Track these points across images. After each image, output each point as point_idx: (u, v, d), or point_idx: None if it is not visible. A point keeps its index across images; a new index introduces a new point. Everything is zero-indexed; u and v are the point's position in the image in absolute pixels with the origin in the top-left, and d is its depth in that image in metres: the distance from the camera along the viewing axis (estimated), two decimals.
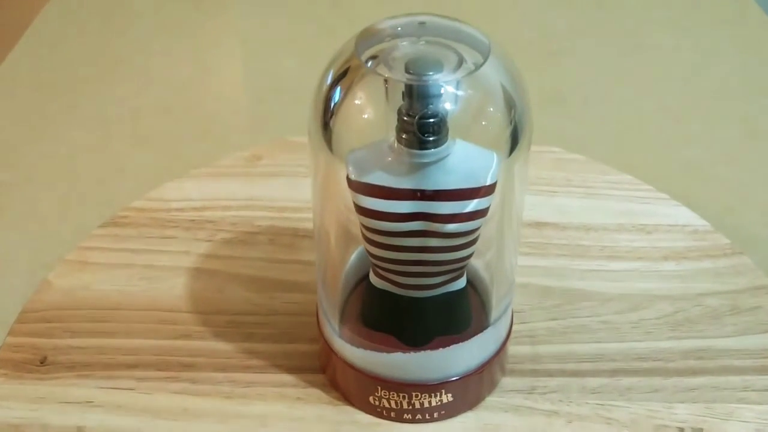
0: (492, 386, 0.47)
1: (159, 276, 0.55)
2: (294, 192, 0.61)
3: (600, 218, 0.60)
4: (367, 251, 0.43)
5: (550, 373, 0.48)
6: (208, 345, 0.50)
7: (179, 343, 0.50)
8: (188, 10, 0.91)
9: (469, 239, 0.41)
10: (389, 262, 0.42)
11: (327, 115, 0.41)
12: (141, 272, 0.55)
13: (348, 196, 0.41)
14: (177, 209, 0.60)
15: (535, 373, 0.49)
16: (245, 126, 0.77)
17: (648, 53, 0.85)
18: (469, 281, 0.46)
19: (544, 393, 0.47)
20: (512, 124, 0.41)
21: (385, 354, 0.44)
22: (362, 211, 0.40)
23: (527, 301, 0.53)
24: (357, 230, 0.43)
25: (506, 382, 0.48)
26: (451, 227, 0.40)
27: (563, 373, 0.49)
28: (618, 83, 0.80)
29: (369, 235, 0.42)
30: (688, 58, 0.84)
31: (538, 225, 0.59)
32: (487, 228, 0.43)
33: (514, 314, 0.49)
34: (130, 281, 0.55)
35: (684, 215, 0.60)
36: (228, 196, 0.62)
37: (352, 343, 0.45)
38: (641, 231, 0.59)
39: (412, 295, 0.44)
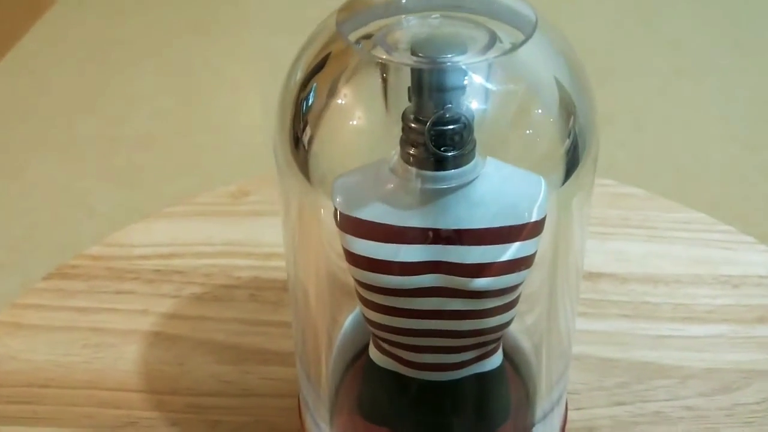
0: None
1: (106, 343, 0.43)
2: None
3: (669, 267, 0.47)
4: (365, 317, 0.31)
5: None
6: None
7: None
8: (177, 35, 0.82)
9: (505, 301, 0.29)
10: (394, 333, 0.30)
11: (299, 125, 0.29)
12: (85, 337, 0.44)
13: (336, 240, 0.29)
14: (140, 257, 0.49)
15: None
16: (237, 161, 0.67)
17: (708, 74, 0.73)
18: (506, 356, 0.33)
19: None
20: (570, 135, 0.29)
21: None
22: (355, 260, 0.28)
23: (583, 379, 0.40)
24: (351, 286, 0.31)
25: None
26: (481, 283, 0.28)
27: None
28: (676, 106, 0.68)
29: (365, 294, 0.29)
30: (754, 80, 0.72)
31: (592, 277, 0.46)
32: (532, 283, 0.31)
33: (567, 397, 0.37)
34: (70, 349, 0.43)
35: None
36: (204, 239, 0.50)
37: None
38: (725, 284, 0.46)
39: (428, 378, 0.31)
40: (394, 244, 0.28)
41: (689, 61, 0.75)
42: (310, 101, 0.29)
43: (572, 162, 0.29)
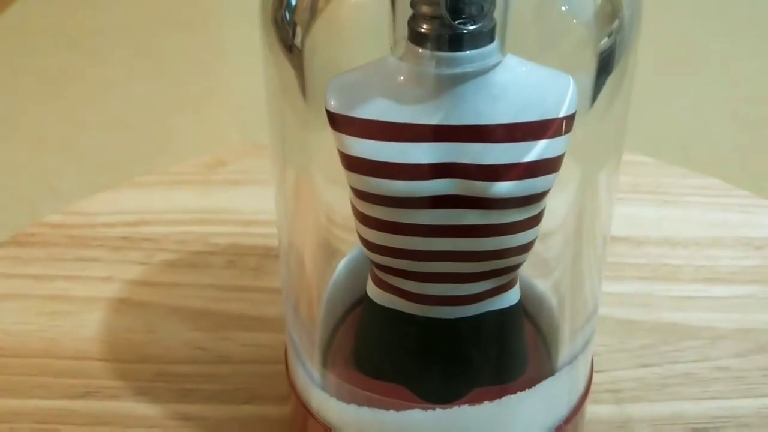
0: None
1: (65, 311, 0.38)
2: (267, 203, 0.45)
3: (687, 231, 0.43)
4: (363, 242, 0.26)
5: None
6: (122, 407, 0.33)
7: (79, 404, 0.33)
8: (152, 26, 0.78)
9: (528, 214, 0.25)
10: (398, 256, 0.26)
11: (285, 30, 0.25)
12: (41, 305, 0.39)
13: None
14: (105, 224, 0.44)
15: None
16: (211, 144, 0.62)
17: (707, 59, 0.70)
18: (524, 303, 0.29)
19: None
20: (611, 36, 0.25)
21: (393, 413, 0.27)
22: (353, 164, 0.24)
23: (603, 341, 0.36)
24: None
25: None
26: (502, 188, 0.24)
27: None
28: (676, 90, 0.65)
29: (365, 208, 0.25)
30: (753, 65, 0.69)
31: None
32: (555, 245, 0.27)
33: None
34: (23, 317, 0.38)
35: None
36: (177, 207, 0.46)
37: (340, 397, 0.28)
38: (748, 246, 0.42)
39: (435, 314, 0.27)
40: (401, 143, 0.24)
41: (687, 49, 0.73)
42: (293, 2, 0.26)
43: (607, 62, 0.25)
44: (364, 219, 0.25)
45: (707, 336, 0.36)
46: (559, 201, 0.28)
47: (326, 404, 0.28)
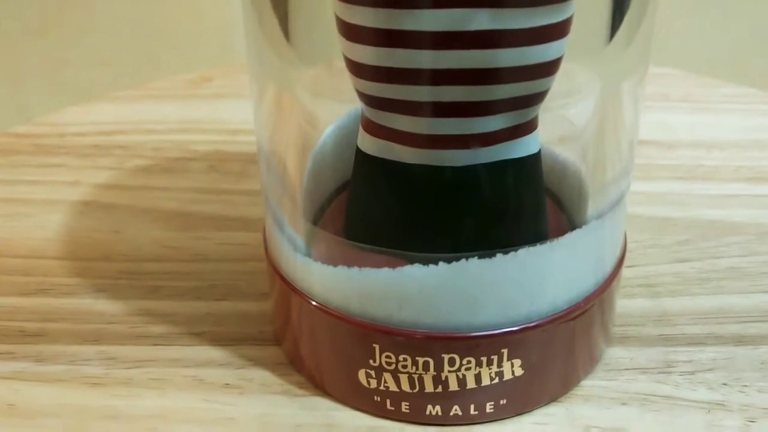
0: (590, 360, 0.25)
1: (23, 212, 0.34)
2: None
3: (724, 135, 0.39)
4: (353, 68, 0.22)
5: (695, 341, 0.26)
6: (78, 304, 0.29)
7: (30, 300, 0.29)
8: None
9: (550, 19, 0.20)
10: (395, 80, 0.21)
11: None
12: None
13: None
14: (76, 134, 0.40)
15: (667, 340, 0.27)
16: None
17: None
18: (545, 175, 0.24)
19: (692, 373, 0.25)
20: None
21: (387, 272, 0.22)
22: None
23: (634, 237, 0.31)
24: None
25: (615, 355, 0.26)
26: None
27: (720, 340, 0.27)
28: (703, 26, 0.61)
29: (351, 17, 0.21)
30: None
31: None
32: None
33: None
34: None
35: None
36: (156, 118, 0.42)
37: (325, 260, 0.23)
38: None
39: (439, 161, 0.22)
40: None
41: None
42: None
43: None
44: (351, 32, 0.21)
45: (753, 232, 0.32)
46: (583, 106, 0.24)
47: (310, 271, 0.23)
